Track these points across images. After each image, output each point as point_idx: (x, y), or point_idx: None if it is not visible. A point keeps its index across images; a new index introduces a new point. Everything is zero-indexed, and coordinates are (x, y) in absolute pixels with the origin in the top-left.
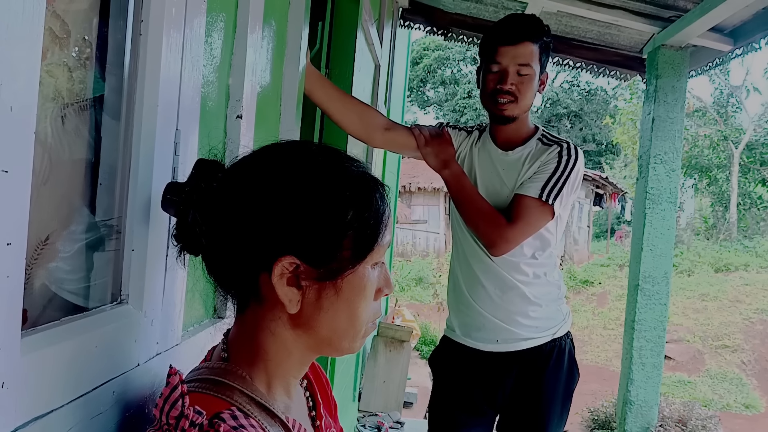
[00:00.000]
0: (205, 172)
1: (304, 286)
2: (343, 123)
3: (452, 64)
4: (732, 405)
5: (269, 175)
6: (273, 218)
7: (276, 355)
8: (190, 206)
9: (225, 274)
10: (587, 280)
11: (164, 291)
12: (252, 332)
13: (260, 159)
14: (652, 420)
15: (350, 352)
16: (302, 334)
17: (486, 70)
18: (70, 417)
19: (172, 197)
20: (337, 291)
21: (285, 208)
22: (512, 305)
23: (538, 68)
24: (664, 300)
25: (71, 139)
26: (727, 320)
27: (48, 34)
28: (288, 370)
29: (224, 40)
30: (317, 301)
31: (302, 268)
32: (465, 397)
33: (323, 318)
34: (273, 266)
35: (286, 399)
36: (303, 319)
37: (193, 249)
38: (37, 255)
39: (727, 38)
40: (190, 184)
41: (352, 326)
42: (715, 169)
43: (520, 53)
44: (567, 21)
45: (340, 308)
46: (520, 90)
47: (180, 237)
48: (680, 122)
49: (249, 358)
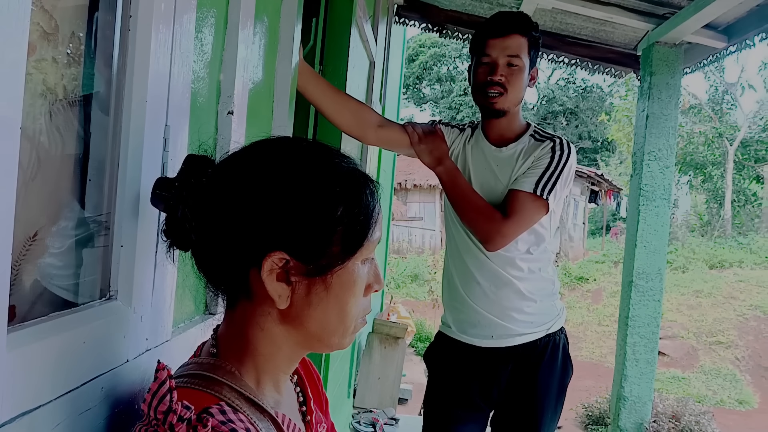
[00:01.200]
0: (195, 167)
1: (294, 282)
2: (336, 120)
3: (448, 61)
4: (726, 401)
5: (259, 170)
6: (262, 214)
7: (265, 351)
8: (180, 201)
9: (215, 269)
10: (582, 277)
11: (154, 287)
12: (241, 328)
13: (250, 154)
14: (646, 416)
15: (340, 348)
16: (291, 329)
17: (476, 63)
18: (58, 412)
19: (162, 192)
20: (327, 287)
21: (275, 203)
22: (507, 301)
23: (528, 61)
24: (658, 296)
25: (60, 134)
26: (721, 316)
27: (36, 30)
28: (277, 365)
29: (215, 35)
30: (307, 297)
31: (292, 263)
32: (460, 392)
33: (313, 314)
34: (263, 262)
35: (276, 394)
36: (292, 314)
37: (183, 244)
38: (26, 251)
39: (721, 35)
40: (180, 179)
41: (341, 322)
42: (710, 166)
43: (509, 45)
44: (562, 18)
45: (330, 304)
46: (510, 81)
47: (169, 232)
48: (674, 119)
49: (238, 354)
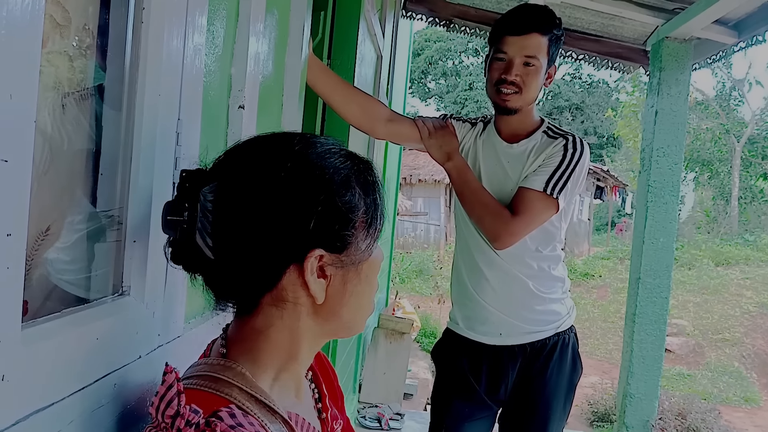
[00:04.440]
0: (198, 182)
1: (330, 275)
2: (345, 114)
3: (454, 56)
4: (732, 398)
5: (283, 172)
6: (294, 216)
7: (291, 349)
8: (196, 225)
9: (238, 282)
10: (588, 273)
11: (166, 282)
12: (263, 330)
13: (265, 155)
14: (652, 413)
15: (360, 331)
16: (323, 322)
17: (493, 58)
18: (71, 410)
19: (174, 218)
20: (359, 273)
21: (304, 203)
22: (515, 298)
23: (546, 61)
24: (665, 293)
25: (72, 128)
26: (727, 314)
27: (49, 22)
28: (300, 361)
29: (226, 29)
30: (343, 287)
31: (327, 257)
32: (468, 389)
33: (349, 302)
34: (304, 263)
35: (293, 393)
36: (327, 307)
37: (197, 267)
38: (38, 246)
39: (731, 31)
40: (188, 199)
41: (369, 305)
42: (717, 163)
43: (527, 45)
44: (570, 12)
45: (363, 290)
46: (525, 82)
47: (181, 257)
48: (683, 115)
49: (254, 355)
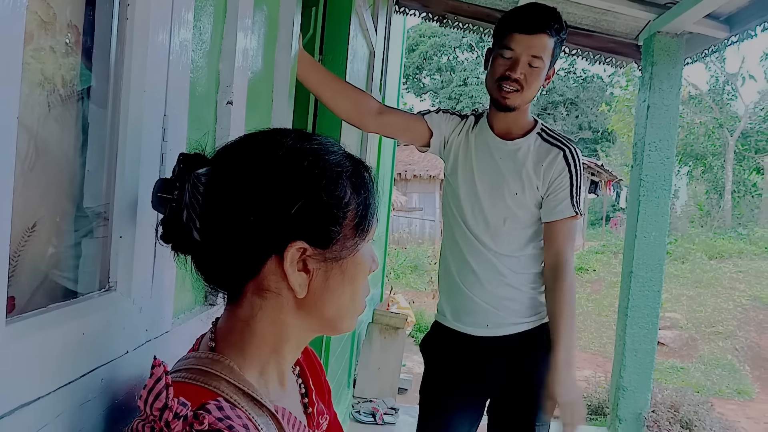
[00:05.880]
0: (192, 164)
1: (312, 270)
2: (336, 108)
3: (448, 51)
4: (724, 391)
5: (273, 162)
6: (278, 205)
7: (275, 342)
8: (184, 203)
9: (222, 268)
10: (582, 267)
11: (153, 278)
12: (247, 322)
13: (258, 146)
14: (645, 406)
15: (348, 330)
16: (306, 317)
17: (497, 54)
18: (58, 404)
19: (164, 195)
20: (343, 271)
21: (290, 194)
22: (502, 291)
23: (549, 62)
24: (658, 287)
25: (57, 125)
26: (720, 307)
27: (34, 19)
28: (285, 356)
29: (214, 24)
30: (325, 283)
31: (310, 251)
32: (455, 381)
33: (331, 299)
34: (284, 254)
35: (279, 387)
36: (309, 302)
37: (184, 247)
38: (24, 242)
39: (723, 25)
40: (180, 178)
41: (354, 304)
42: (710, 157)
43: (535, 44)
44: (563, 7)
45: (346, 288)
46: (528, 81)
47: (170, 236)
48: (675, 109)
49: (241, 348)
